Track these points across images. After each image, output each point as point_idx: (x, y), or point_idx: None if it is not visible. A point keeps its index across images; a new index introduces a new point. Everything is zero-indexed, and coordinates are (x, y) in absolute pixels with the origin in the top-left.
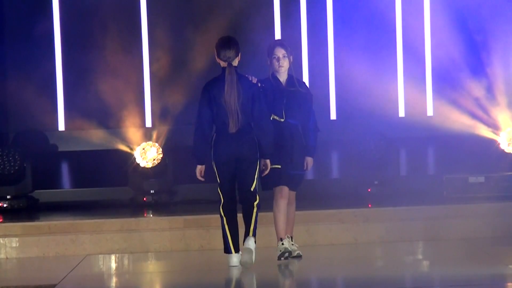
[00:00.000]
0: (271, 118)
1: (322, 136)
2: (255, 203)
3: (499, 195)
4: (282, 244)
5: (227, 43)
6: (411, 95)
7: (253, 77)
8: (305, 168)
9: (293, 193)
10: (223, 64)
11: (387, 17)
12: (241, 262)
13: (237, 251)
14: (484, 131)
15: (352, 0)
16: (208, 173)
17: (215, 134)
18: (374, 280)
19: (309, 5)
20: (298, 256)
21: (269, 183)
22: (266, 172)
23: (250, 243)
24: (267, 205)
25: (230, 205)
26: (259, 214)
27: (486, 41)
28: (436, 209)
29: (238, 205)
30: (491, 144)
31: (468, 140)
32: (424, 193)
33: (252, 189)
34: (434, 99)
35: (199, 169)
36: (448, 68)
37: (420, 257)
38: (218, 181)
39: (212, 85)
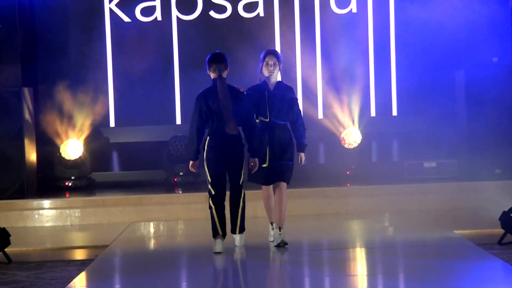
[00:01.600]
0: (258, 120)
1: (311, 131)
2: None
3: (446, 176)
4: (273, 229)
5: (218, 57)
6: (380, 99)
7: (240, 86)
8: (299, 162)
9: (285, 185)
10: (213, 75)
11: (362, 35)
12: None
13: (224, 235)
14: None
15: (335, 21)
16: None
17: (208, 137)
18: (351, 241)
19: (302, 27)
20: (285, 244)
21: (257, 180)
22: (255, 169)
23: (238, 239)
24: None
25: (221, 197)
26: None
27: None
28: (399, 187)
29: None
30: (441, 137)
31: (422, 134)
32: (389, 175)
33: (240, 184)
34: (398, 102)
35: (192, 163)
36: (410, 77)
37: (386, 224)
38: (209, 178)
39: (205, 95)
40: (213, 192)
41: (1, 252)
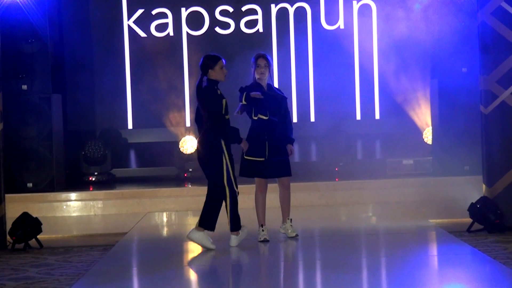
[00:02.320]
0: (256, 117)
1: (304, 132)
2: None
3: (422, 172)
4: (263, 230)
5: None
6: (364, 104)
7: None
8: (289, 153)
9: (288, 179)
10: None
11: (349, 48)
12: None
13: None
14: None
15: (325, 35)
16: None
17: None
18: (339, 228)
19: (296, 41)
20: (295, 237)
21: (252, 173)
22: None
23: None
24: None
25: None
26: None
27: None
28: (381, 182)
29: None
30: (419, 138)
31: (401, 135)
32: (372, 171)
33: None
34: (380, 107)
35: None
36: (390, 85)
37: (370, 214)
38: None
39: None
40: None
41: (34, 239)
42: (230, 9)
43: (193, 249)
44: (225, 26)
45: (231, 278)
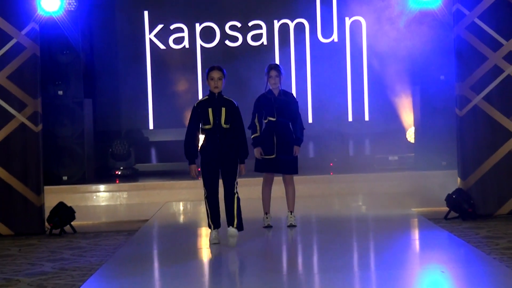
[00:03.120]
0: (266, 120)
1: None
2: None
3: (406, 167)
4: (267, 218)
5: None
6: (355, 108)
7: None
8: (294, 153)
9: (290, 176)
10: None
11: (342, 59)
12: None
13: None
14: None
15: (321, 48)
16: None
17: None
18: (333, 215)
19: (296, 52)
20: (293, 226)
21: (262, 168)
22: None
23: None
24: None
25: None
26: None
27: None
28: (370, 176)
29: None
30: (403, 137)
31: (388, 135)
32: (363, 166)
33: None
34: (369, 110)
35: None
36: (378, 91)
37: (360, 203)
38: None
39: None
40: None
41: (69, 225)
42: (238, 24)
43: (206, 234)
44: (234, 39)
45: (239, 258)
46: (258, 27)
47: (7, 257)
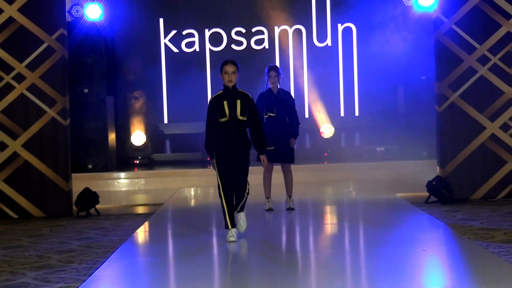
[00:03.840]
0: (267, 115)
1: (300, 126)
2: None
3: (391, 157)
4: (268, 202)
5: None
6: (347, 104)
7: None
8: (291, 145)
9: (288, 165)
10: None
11: (335, 61)
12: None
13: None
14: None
15: (317, 51)
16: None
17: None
18: (327, 198)
19: (294, 55)
20: (292, 209)
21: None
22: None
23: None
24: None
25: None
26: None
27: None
28: (360, 165)
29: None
30: (388, 131)
31: (375, 128)
32: (353, 156)
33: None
34: (359, 106)
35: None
36: (367, 89)
37: (351, 189)
38: None
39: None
40: None
41: (94, 208)
42: (243, 30)
43: (214, 217)
44: (239, 43)
45: (243, 236)
46: (261, 32)
47: (40, 236)
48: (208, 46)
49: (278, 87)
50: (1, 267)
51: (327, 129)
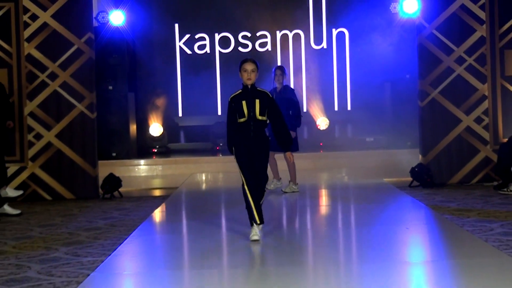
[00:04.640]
0: None
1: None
2: None
3: (379, 146)
4: (273, 182)
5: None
6: (340, 99)
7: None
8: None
9: (289, 153)
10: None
11: (330, 62)
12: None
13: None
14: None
15: (314, 53)
16: None
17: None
18: (322, 184)
19: (294, 56)
20: (296, 191)
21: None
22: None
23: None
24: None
25: None
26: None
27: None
28: (352, 153)
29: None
30: (377, 123)
31: (366, 121)
32: (346, 145)
33: None
34: (351, 101)
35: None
36: (358, 86)
37: (343, 174)
38: None
39: None
40: None
41: (117, 191)
42: (249, 34)
43: (224, 199)
44: (245, 46)
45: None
46: (264, 36)
47: (70, 216)
48: (217, 48)
49: (284, 83)
50: (37, 243)
51: (322, 122)
